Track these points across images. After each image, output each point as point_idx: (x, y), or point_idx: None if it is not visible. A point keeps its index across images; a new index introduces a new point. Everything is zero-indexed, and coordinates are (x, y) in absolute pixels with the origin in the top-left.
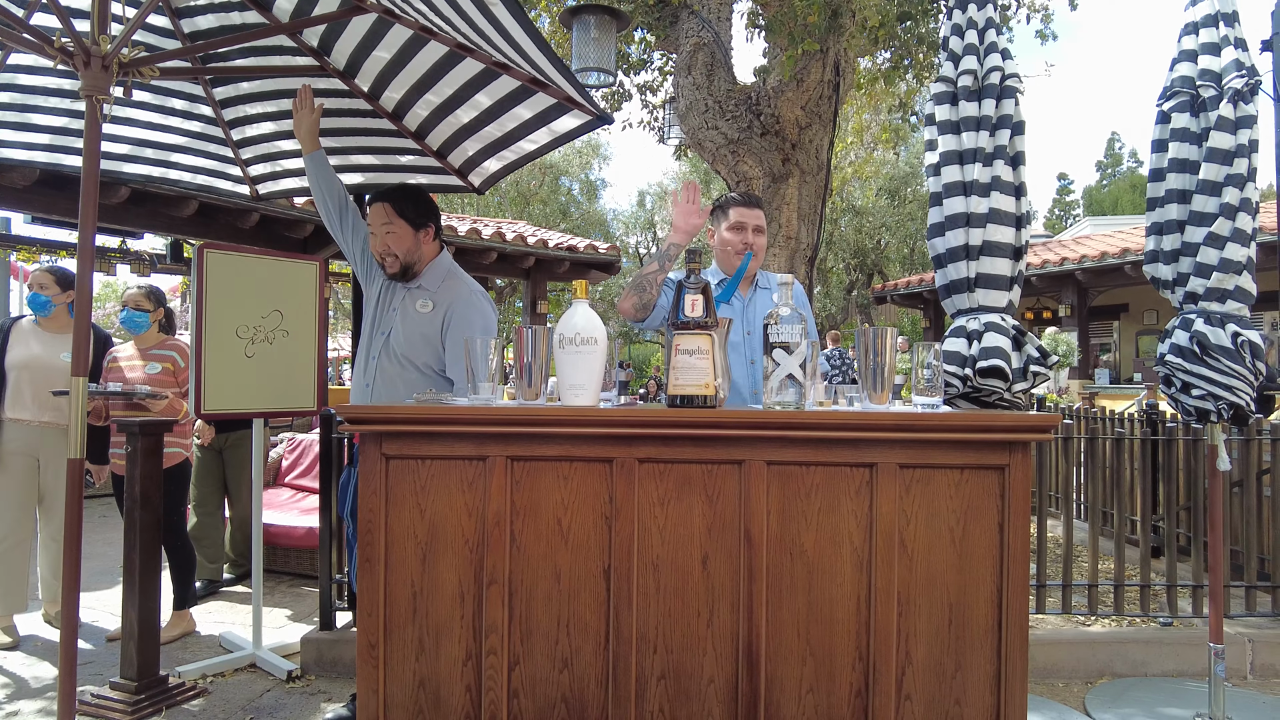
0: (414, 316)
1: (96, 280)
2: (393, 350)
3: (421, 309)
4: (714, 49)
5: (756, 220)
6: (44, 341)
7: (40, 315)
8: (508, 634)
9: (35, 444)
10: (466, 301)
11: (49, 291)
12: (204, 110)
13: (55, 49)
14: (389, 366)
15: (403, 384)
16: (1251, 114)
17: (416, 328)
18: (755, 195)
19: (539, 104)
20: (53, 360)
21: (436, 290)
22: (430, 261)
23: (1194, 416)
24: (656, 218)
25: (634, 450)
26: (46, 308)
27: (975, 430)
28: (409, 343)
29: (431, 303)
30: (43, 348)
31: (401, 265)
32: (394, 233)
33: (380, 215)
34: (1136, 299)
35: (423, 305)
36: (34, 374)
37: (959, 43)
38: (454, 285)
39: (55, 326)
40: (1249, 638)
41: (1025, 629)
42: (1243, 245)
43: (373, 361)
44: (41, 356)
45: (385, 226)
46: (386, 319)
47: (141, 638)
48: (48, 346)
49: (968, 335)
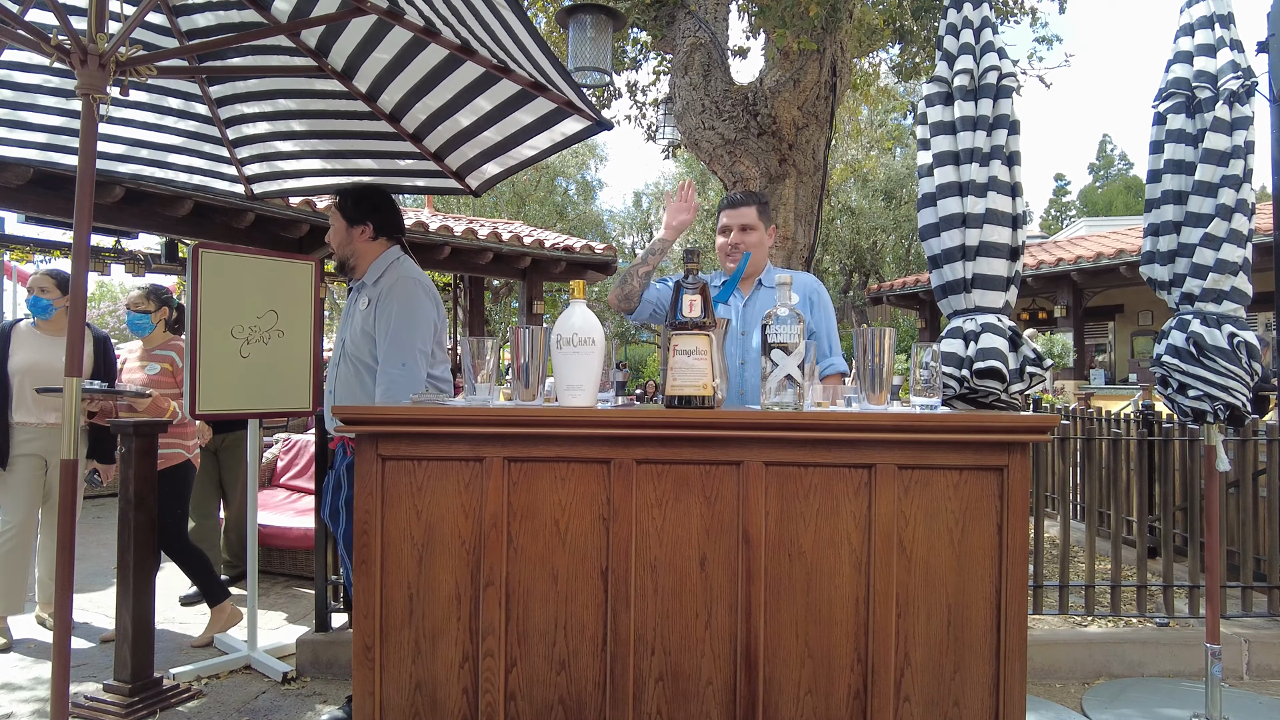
0: (358, 316)
1: (91, 280)
2: (347, 353)
3: (362, 307)
4: (711, 49)
5: (742, 219)
6: (45, 344)
7: (41, 318)
8: (505, 636)
9: (43, 446)
10: (391, 287)
11: (50, 295)
12: (200, 109)
13: (52, 46)
14: (345, 370)
15: (357, 385)
16: (1247, 115)
17: (360, 326)
18: (743, 194)
19: (539, 108)
20: (55, 363)
21: (374, 285)
22: (373, 260)
23: (1190, 417)
24: (652, 218)
25: (632, 451)
26: (48, 311)
27: (973, 431)
28: (354, 343)
29: (368, 299)
30: (44, 351)
31: (338, 260)
32: (332, 226)
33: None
34: (1132, 300)
35: (363, 303)
36: (37, 378)
37: (954, 42)
38: (389, 278)
39: (55, 329)
40: (1245, 638)
41: (1024, 630)
42: (1239, 246)
43: (334, 369)
44: (44, 360)
45: (333, 220)
46: (344, 325)
47: (135, 639)
48: (49, 349)
49: (964, 336)
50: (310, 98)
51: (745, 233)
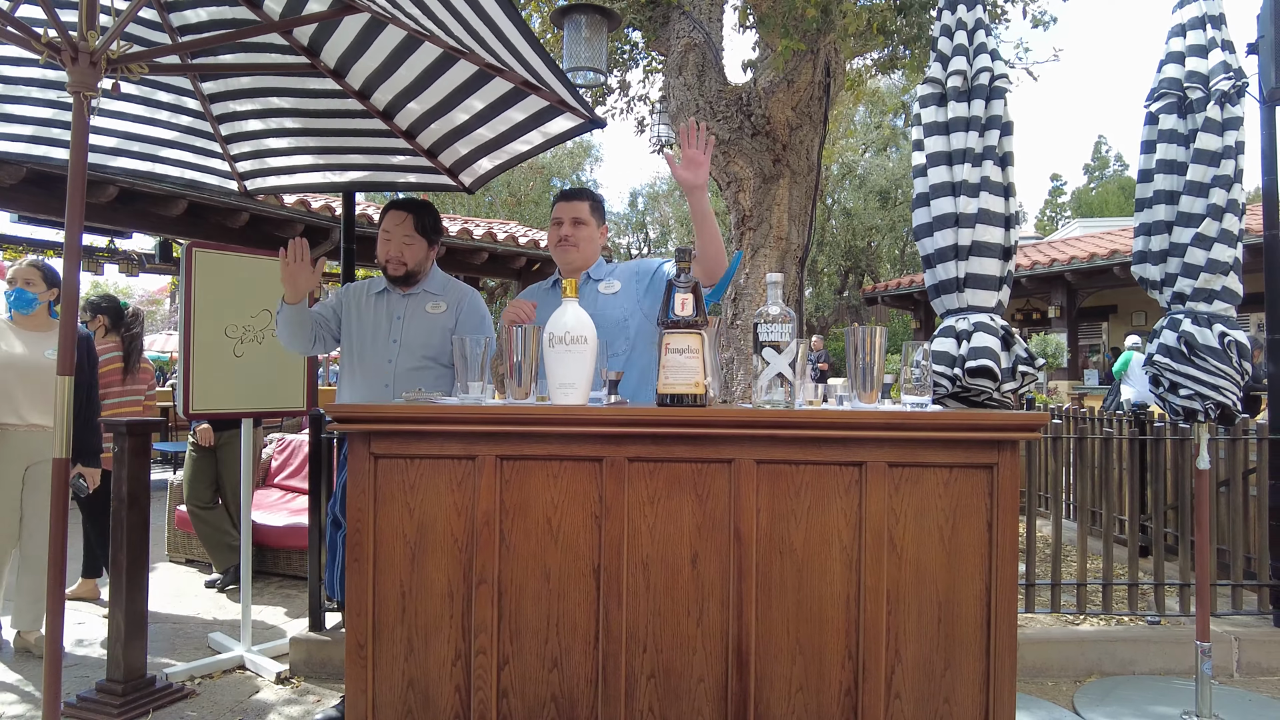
0: (426, 318)
1: (85, 280)
2: (413, 352)
3: (433, 310)
4: (705, 50)
5: (574, 213)
6: (25, 340)
7: (20, 313)
8: (497, 633)
9: (25, 450)
10: (473, 298)
11: (36, 288)
12: (192, 105)
13: (42, 44)
14: (410, 368)
15: (432, 380)
16: (1238, 116)
17: (431, 326)
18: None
19: (531, 106)
20: (37, 359)
21: (442, 292)
22: (429, 269)
23: (1181, 416)
24: (648, 218)
25: (624, 449)
26: (31, 305)
27: (964, 429)
28: (428, 343)
29: (444, 303)
30: (25, 347)
31: (407, 272)
32: (412, 245)
33: (403, 226)
34: (1125, 300)
35: (433, 306)
36: (20, 374)
37: (948, 44)
38: (457, 286)
39: (33, 324)
40: (1235, 636)
41: (1014, 627)
42: (1229, 246)
43: (388, 365)
44: (26, 356)
45: (406, 238)
46: (395, 328)
47: (128, 639)
48: (29, 345)
49: (957, 335)
50: (303, 95)
51: (576, 226)
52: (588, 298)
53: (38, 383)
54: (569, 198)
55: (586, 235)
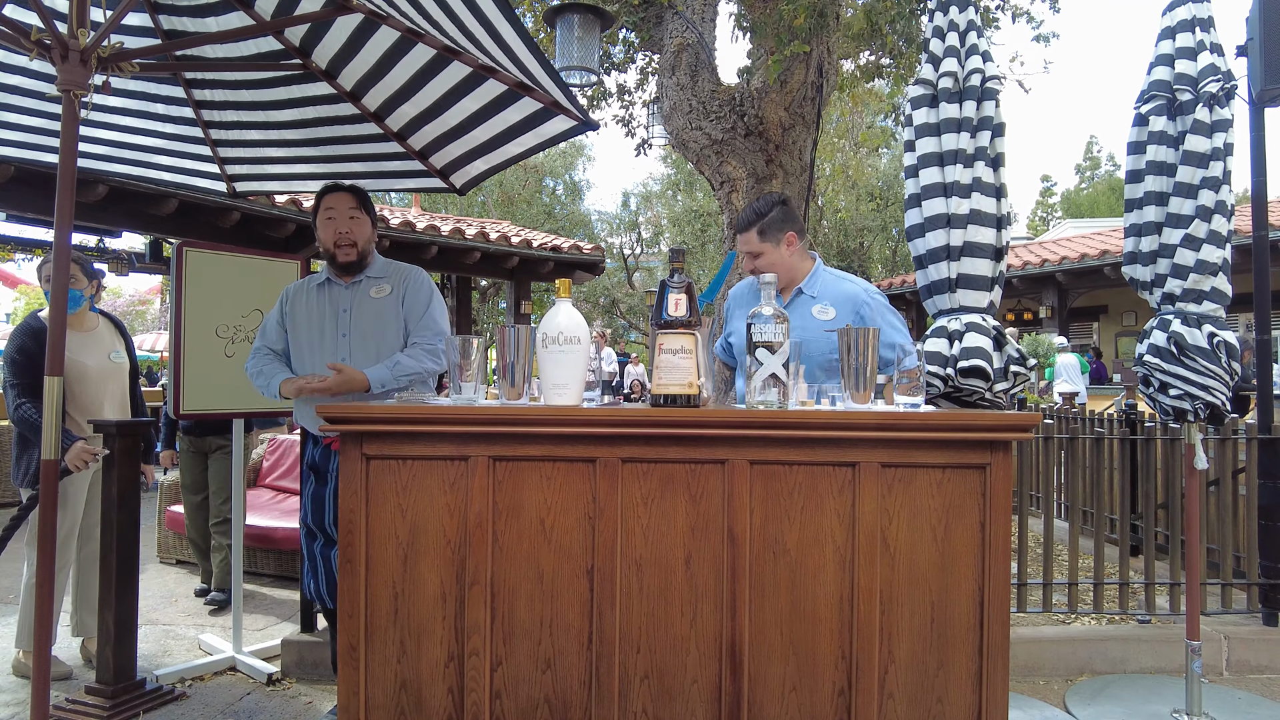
0: (372, 304)
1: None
2: (364, 341)
3: (377, 294)
4: (698, 50)
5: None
6: (83, 346)
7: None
8: (490, 635)
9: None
10: (416, 274)
11: (79, 284)
12: (183, 108)
13: (32, 42)
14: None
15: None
16: (1227, 118)
17: (379, 311)
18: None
19: (526, 108)
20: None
21: (386, 275)
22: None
23: (1171, 416)
24: (640, 218)
25: (617, 450)
26: (78, 302)
27: (956, 429)
28: (380, 331)
29: (388, 285)
30: (87, 354)
31: (358, 253)
32: (358, 220)
33: (346, 203)
34: (1116, 300)
35: (378, 290)
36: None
37: (940, 45)
38: (399, 267)
39: (81, 324)
40: (1225, 634)
41: (1006, 627)
42: (1218, 247)
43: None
44: (80, 361)
45: (352, 214)
46: (341, 321)
47: (118, 641)
48: (89, 350)
49: (949, 335)
50: (294, 97)
51: (755, 259)
52: (797, 312)
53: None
54: (738, 229)
55: (766, 264)
